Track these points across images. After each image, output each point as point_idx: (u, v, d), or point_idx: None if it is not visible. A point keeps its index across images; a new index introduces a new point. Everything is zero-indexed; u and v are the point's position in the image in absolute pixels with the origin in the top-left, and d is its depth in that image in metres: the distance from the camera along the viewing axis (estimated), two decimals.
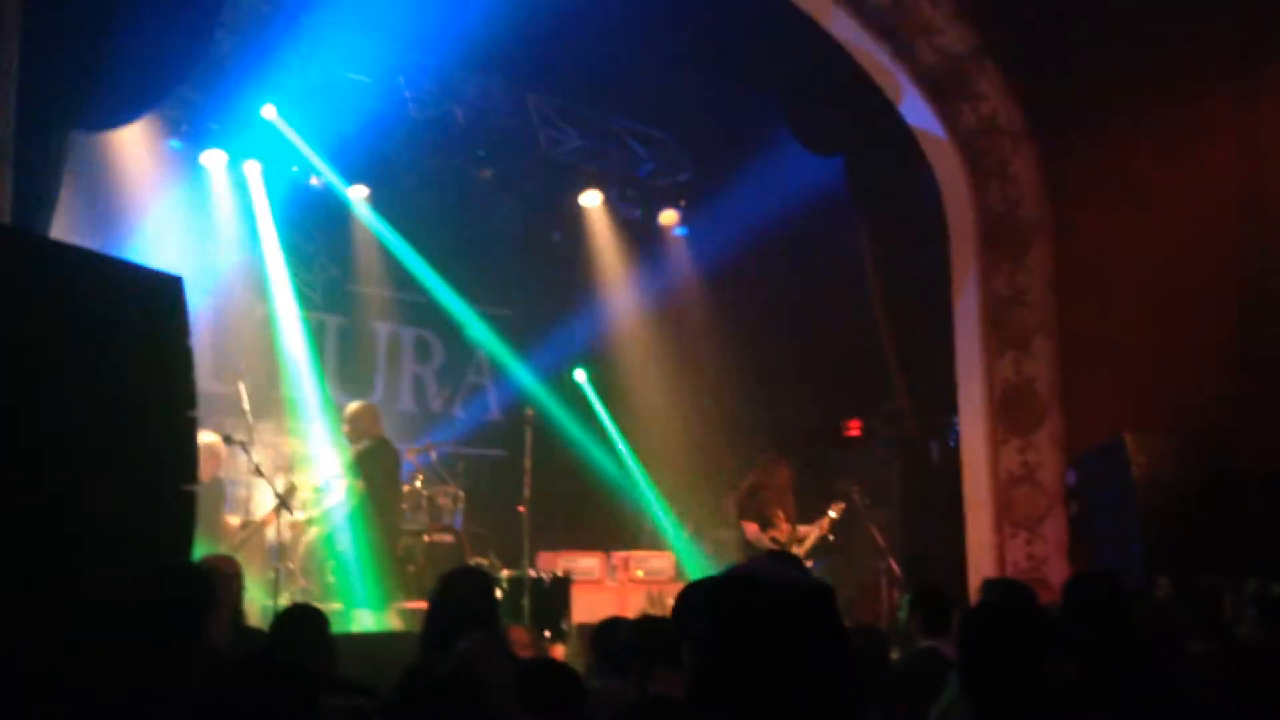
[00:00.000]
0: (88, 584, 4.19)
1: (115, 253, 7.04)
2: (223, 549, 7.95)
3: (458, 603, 4.20)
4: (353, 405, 9.64)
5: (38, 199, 6.04)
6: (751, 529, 9.60)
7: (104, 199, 9.39)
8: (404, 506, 9.63)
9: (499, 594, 8.24)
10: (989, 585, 5.70)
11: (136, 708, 2.96)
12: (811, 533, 9.66)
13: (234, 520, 8.89)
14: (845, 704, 1.58)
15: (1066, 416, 8.90)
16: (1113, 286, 8.67)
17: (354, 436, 9.33)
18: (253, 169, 10.54)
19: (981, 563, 8.93)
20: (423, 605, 8.36)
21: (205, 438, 7.43)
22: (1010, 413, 9.07)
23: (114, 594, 3.33)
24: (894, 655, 5.03)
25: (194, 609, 3.32)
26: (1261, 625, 4.80)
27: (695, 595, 4.34)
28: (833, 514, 9.64)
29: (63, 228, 6.64)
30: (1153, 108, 8.60)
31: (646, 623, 4.23)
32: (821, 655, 1.57)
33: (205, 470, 7.20)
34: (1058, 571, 8.57)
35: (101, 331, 4.74)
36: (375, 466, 9.13)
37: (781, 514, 9.70)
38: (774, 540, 9.45)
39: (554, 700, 3.31)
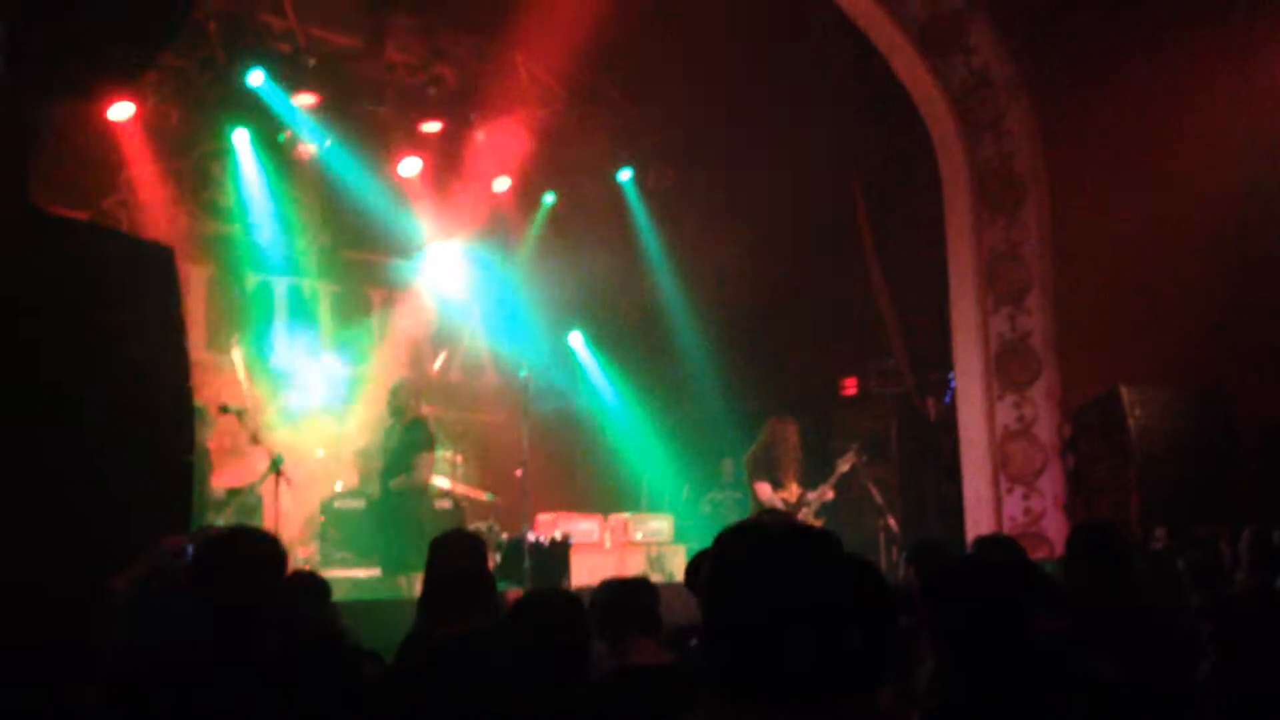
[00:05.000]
0: (90, 555, 4.19)
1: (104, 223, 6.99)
2: (210, 517, 7.96)
3: (451, 567, 4.20)
4: (395, 382, 9.30)
5: (23, 169, 5.99)
6: (764, 489, 9.53)
7: (93, 169, 9.31)
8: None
9: (496, 558, 8.33)
10: (980, 543, 5.71)
11: (221, 675, 2.87)
12: (818, 496, 9.59)
13: (221, 488, 8.87)
14: (858, 638, 1.60)
15: (1062, 370, 8.91)
16: (1107, 238, 8.64)
17: (398, 414, 8.87)
18: (241, 137, 10.43)
19: (979, 518, 8.96)
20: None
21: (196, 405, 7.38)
22: (1005, 368, 9.07)
23: (195, 554, 3.25)
24: None
25: (271, 571, 3.22)
26: (1254, 572, 4.83)
27: (702, 555, 4.34)
28: (843, 467, 9.52)
29: (52, 198, 6.59)
30: (1147, 57, 8.54)
31: (614, 585, 4.14)
32: (827, 590, 1.60)
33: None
34: (1055, 525, 8.61)
35: (93, 303, 4.71)
36: (414, 445, 8.70)
37: (792, 476, 9.65)
38: (784, 502, 9.43)
39: (554, 629, 3.33)
